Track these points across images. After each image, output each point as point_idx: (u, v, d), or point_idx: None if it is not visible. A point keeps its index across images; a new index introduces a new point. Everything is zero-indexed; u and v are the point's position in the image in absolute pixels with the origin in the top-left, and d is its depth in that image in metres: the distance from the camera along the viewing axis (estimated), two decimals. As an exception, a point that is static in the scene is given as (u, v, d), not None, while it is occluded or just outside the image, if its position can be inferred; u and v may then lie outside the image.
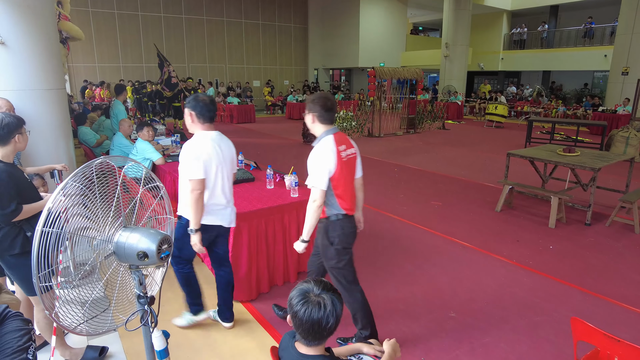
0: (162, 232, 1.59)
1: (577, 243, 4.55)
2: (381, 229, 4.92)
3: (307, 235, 2.50)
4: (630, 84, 12.46)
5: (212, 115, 2.65)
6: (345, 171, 2.46)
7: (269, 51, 21.80)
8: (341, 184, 2.44)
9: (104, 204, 1.55)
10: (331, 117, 2.46)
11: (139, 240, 1.52)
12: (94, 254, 1.53)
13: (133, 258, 1.51)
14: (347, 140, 2.55)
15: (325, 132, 2.45)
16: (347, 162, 2.47)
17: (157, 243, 1.51)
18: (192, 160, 2.53)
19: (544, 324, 3.03)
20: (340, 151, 2.41)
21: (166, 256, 1.55)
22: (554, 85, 21.65)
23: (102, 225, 1.51)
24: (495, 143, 11.42)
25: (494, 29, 22.96)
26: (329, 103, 2.44)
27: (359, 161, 2.67)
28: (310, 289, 1.34)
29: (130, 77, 17.77)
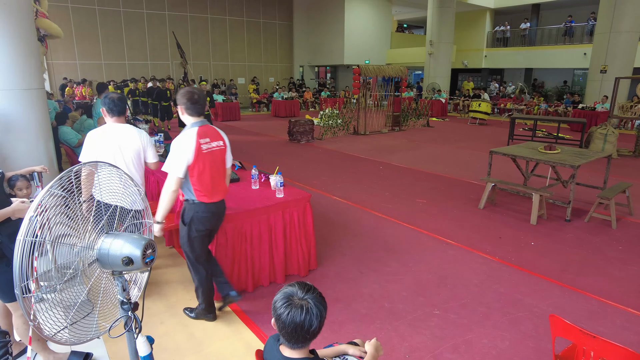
0: (145, 237, 1.58)
1: (557, 239, 4.65)
2: (366, 226, 4.96)
3: (159, 216, 2.70)
4: (608, 81, 12.74)
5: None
6: (204, 162, 2.66)
7: (254, 48, 21.66)
8: (197, 173, 2.64)
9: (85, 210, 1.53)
10: (198, 109, 2.68)
11: (122, 246, 1.51)
12: (76, 259, 1.52)
13: (117, 264, 1.50)
14: (215, 134, 2.77)
15: (192, 124, 2.67)
16: (208, 154, 2.68)
17: (141, 248, 1.50)
18: None
19: (525, 320, 3.10)
20: (201, 143, 2.63)
21: (150, 261, 1.55)
22: (536, 83, 22.03)
23: (83, 232, 1.49)
24: (478, 140, 11.57)
25: (478, 27, 23.23)
26: (195, 96, 2.65)
27: (229, 153, 2.90)
28: (294, 293, 1.35)
29: (113, 74, 17.47)
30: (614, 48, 13.35)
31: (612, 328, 3.01)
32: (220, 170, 2.80)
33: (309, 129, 11.19)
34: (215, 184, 2.76)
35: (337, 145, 10.75)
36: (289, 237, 3.49)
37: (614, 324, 3.05)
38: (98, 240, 1.52)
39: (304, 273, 3.62)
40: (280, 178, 3.54)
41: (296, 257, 3.55)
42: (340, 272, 3.81)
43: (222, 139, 2.82)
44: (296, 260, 3.56)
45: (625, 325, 3.04)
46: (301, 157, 9.11)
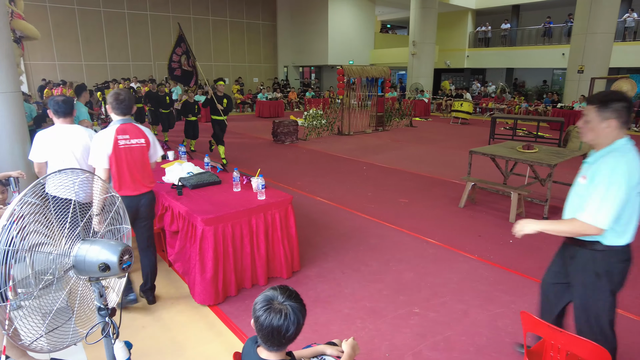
0: (122, 242, 1.59)
1: (535, 237, 4.72)
2: (349, 227, 5.01)
3: (96, 209, 2.87)
4: (585, 81, 13.06)
5: None
6: (122, 157, 2.93)
7: (238, 48, 21.57)
8: (114, 167, 2.92)
9: (60, 217, 1.53)
10: (122, 108, 2.95)
11: (99, 252, 1.51)
12: (52, 266, 1.52)
13: (94, 270, 1.50)
14: (137, 132, 3.01)
15: (115, 122, 2.96)
16: (126, 149, 2.94)
17: (118, 254, 1.50)
18: None
19: (503, 316, 3.18)
20: (118, 139, 2.90)
21: (127, 266, 1.55)
22: (517, 82, 22.44)
23: (59, 239, 1.49)
24: (460, 139, 11.74)
25: (460, 27, 23.56)
26: (120, 97, 2.93)
27: (153, 150, 3.17)
28: (275, 297, 1.38)
29: (93, 76, 17.19)
30: (590, 49, 13.68)
31: (585, 322, 3.11)
32: (139, 165, 3.03)
33: (293, 129, 11.20)
34: (134, 178, 3.02)
35: (322, 145, 10.80)
36: (271, 239, 3.51)
37: (586, 319, 3.15)
38: (74, 247, 1.52)
39: (286, 275, 3.64)
40: (262, 180, 3.56)
41: (279, 259, 3.57)
42: (323, 272, 3.84)
43: (145, 137, 3.05)
44: (279, 263, 3.59)
45: (598, 319, 3.14)
46: (285, 158, 9.12)
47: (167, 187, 3.85)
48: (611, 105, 1.94)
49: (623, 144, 1.97)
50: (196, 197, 3.57)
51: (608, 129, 1.96)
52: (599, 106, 1.97)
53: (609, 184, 1.90)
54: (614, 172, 1.90)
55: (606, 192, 1.90)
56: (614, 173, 1.90)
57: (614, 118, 1.94)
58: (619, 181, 1.88)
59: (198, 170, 4.19)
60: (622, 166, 1.90)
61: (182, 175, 3.99)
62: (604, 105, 1.96)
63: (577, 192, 2.14)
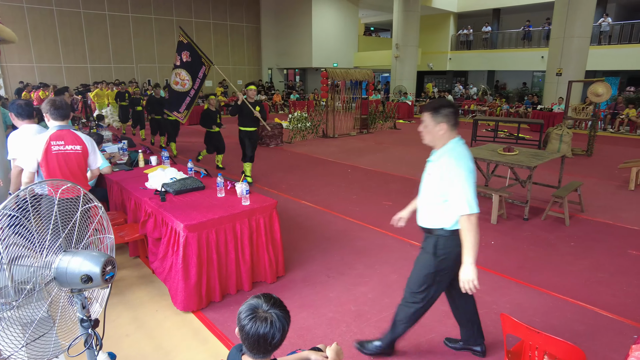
0: (105, 253, 1.58)
1: (516, 237, 4.87)
2: (334, 230, 5.03)
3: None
4: (564, 84, 13.38)
5: None
6: (55, 162, 3.02)
7: (221, 51, 21.46)
8: (46, 171, 3.01)
9: (41, 229, 1.52)
10: (59, 114, 3.04)
11: (81, 264, 1.50)
12: (33, 277, 1.50)
13: (76, 282, 1.49)
14: (73, 138, 3.10)
15: (52, 128, 3.04)
16: (59, 155, 3.03)
17: (101, 265, 1.50)
18: None
19: (484, 317, 3.23)
20: (51, 144, 3.00)
21: (110, 277, 1.55)
22: (498, 84, 22.85)
23: (39, 251, 1.48)
24: (444, 141, 11.89)
25: (442, 30, 23.89)
26: (56, 103, 3.03)
27: (92, 157, 3.26)
28: (259, 305, 1.39)
29: (73, 78, 16.89)
30: (567, 52, 14.03)
31: (563, 321, 3.20)
32: (75, 171, 3.13)
33: (277, 132, 11.20)
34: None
35: (306, 148, 10.82)
36: (255, 244, 3.51)
37: (565, 317, 3.24)
38: (55, 258, 1.51)
39: (271, 280, 3.65)
40: (246, 186, 3.56)
41: (263, 265, 3.58)
42: (308, 277, 3.86)
43: (82, 144, 3.14)
44: (263, 268, 3.59)
45: (575, 317, 3.24)
46: (270, 161, 9.11)
47: (150, 193, 3.82)
48: (441, 111, 2.30)
49: (455, 143, 2.35)
50: (179, 203, 3.55)
51: (441, 131, 2.31)
52: (432, 112, 2.32)
53: (460, 175, 2.24)
54: (458, 165, 2.25)
55: (463, 183, 2.23)
56: (459, 166, 2.25)
57: (445, 122, 2.29)
58: (464, 171, 2.25)
59: (181, 175, 4.16)
60: (462, 159, 2.28)
61: (165, 180, 3.97)
62: (436, 112, 2.31)
63: (425, 186, 2.51)
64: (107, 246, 1.75)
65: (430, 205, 2.44)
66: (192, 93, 6.53)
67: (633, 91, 17.68)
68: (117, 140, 6.30)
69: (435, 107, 2.32)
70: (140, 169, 4.77)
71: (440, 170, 2.31)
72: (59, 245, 1.52)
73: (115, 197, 4.41)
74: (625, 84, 19.18)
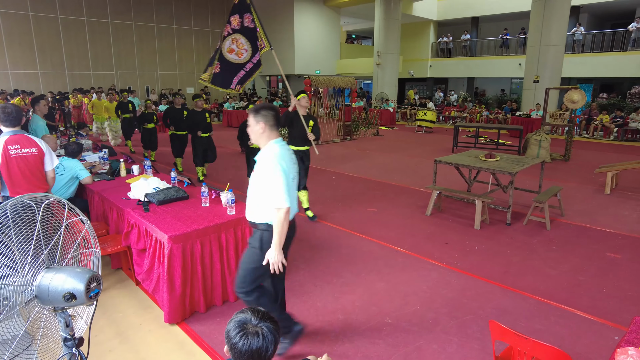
0: (90, 269, 1.53)
1: (499, 242, 4.95)
2: (320, 238, 5.02)
3: None
4: (541, 90, 13.73)
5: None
6: (15, 165, 3.28)
7: (202, 57, 21.32)
8: (6, 173, 3.25)
9: (22, 245, 1.46)
10: (10, 120, 3.25)
11: (64, 281, 1.45)
12: (13, 295, 1.45)
13: (59, 300, 1.44)
14: (28, 141, 3.34)
15: (5, 134, 3.26)
16: (19, 157, 3.28)
17: (85, 282, 1.45)
18: None
19: (472, 323, 3.27)
20: (8, 149, 3.23)
21: (95, 294, 1.50)
22: (478, 91, 23.31)
23: (21, 268, 1.43)
24: (425, 147, 12.05)
25: (423, 38, 24.28)
26: (7, 110, 3.23)
27: (48, 158, 3.48)
28: (248, 320, 1.37)
29: (50, 86, 16.52)
30: (544, 60, 14.42)
31: (547, 324, 3.25)
32: (35, 173, 3.39)
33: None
34: (30, 184, 3.35)
35: (290, 155, 10.77)
36: (241, 254, 3.46)
37: (548, 321, 3.30)
38: (37, 275, 1.46)
39: (258, 289, 3.60)
40: (232, 195, 3.52)
41: (250, 274, 3.53)
42: (295, 286, 3.83)
43: (37, 147, 3.38)
44: (250, 277, 3.54)
45: (559, 320, 3.30)
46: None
47: (133, 204, 3.74)
48: (261, 112, 2.53)
49: (274, 143, 2.57)
50: (163, 213, 3.49)
51: (260, 130, 2.54)
52: (254, 113, 2.55)
53: (273, 172, 2.44)
54: (273, 163, 2.46)
55: (275, 179, 2.44)
56: (273, 164, 2.46)
57: (263, 122, 2.52)
58: (277, 169, 2.44)
59: (165, 185, 4.10)
60: (276, 158, 2.47)
61: (148, 190, 3.90)
62: (256, 112, 2.54)
63: (251, 182, 2.66)
64: (93, 262, 1.70)
65: (255, 201, 2.61)
66: (249, 67, 5.42)
67: (606, 98, 18.28)
68: (97, 149, 6.17)
69: (256, 108, 2.56)
70: (122, 179, 4.68)
71: (260, 167, 2.54)
72: (42, 262, 1.47)
73: (96, 208, 4.31)
74: (598, 90, 19.82)
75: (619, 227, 5.49)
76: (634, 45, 17.38)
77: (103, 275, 3.96)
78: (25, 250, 1.44)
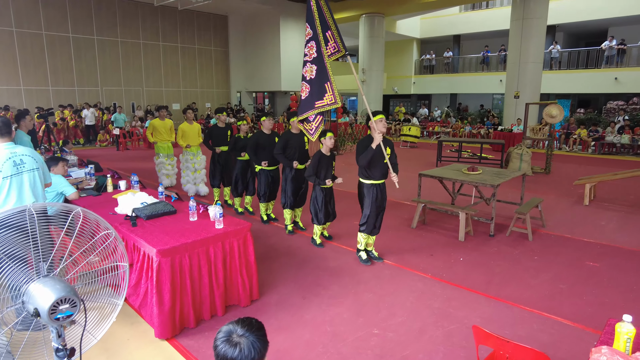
0: (68, 287, 1.50)
1: (483, 253, 5.05)
2: (308, 252, 5.06)
3: None
4: (522, 105, 14.12)
5: None
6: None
7: (189, 73, 21.39)
8: None
9: (16, 255, 1.49)
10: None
11: (42, 294, 1.40)
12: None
13: (30, 312, 1.42)
14: None
15: None
16: None
17: (52, 302, 1.39)
18: None
19: (457, 332, 3.33)
20: None
21: (65, 317, 1.43)
22: (461, 107, 23.83)
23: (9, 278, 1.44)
24: (410, 162, 12.23)
25: (406, 55, 24.85)
26: None
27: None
28: (235, 330, 1.38)
29: (34, 101, 16.35)
30: (523, 76, 14.89)
31: (529, 331, 3.33)
32: None
33: (248, 155, 11.16)
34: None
35: (277, 170, 10.82)
36: (229, 268, 3.49)
37: (531, 328, 3.38)
38: (31, 283, 1.47)
39: (245, 304, 3.62)
40: (220, 209, 3.56)
41: (237, 289, 3.55)
42: (283, 299, 3.85)
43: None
44: (237, 292, 3.56)
45: (540, 327, 3.39)
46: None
47: (120, 219, 3.75)
48: None
49: None
50: (151, 228, 3.50)
51: None
52: None
53: None
54: None
55: None
56: None
57: None
58: None
59: (152, 200, 4.11)
60: None
61: (135, 205, 3.90)
62: None
63: None
64: (120, 276, 1.69)
65: None
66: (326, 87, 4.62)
67: (583, 112, 18.88)
68: (83, 165, 6.14)
69: None
70: (109, 194, 4.66)
71: None
72: (39, 270, 1.49)
73: (82, 224, 4.28)
74: (575, 105, 20.47)
75: (597, 236, 5.66)
76: (607, 62, 18.11)
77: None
78: (22, 259, 1.46)
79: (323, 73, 4.55)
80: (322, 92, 4.54)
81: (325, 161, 5.01)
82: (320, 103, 4.56)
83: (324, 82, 4.55)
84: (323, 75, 4.55)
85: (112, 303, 1.83)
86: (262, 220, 6.16)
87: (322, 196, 5.06)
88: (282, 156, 5.37)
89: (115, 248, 1.75)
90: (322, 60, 4.56)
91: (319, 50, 4.55)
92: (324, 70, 4.55)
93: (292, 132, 5.49)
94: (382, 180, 4.60)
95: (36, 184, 3.28)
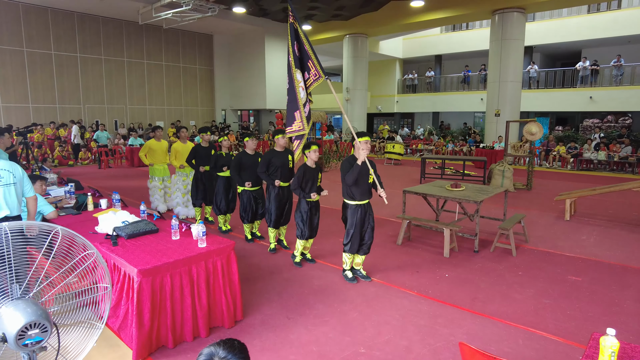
0: (40, 310, 1.43)
1: (468, 269, 5.07)
2: (293, 270, 5.00)
3: None
4: (502, 123, 14.46)
5: None
6: None
7: (173, 92, 21.34)
8: None
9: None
10: None
11: (11, 318, 1.33)
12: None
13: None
14: None
15: None
16: None
17: (20, 327, 1.32)
18: None
19: (444, 349, 3.31)
20: None
21: (34, 343, 1.34)
22: (443, 125, 24.27)
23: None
24: (394, 179, 12.32)
25: (389, 75, 25.32)
26: None
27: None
28: (216, 352, 1.35)
29: (13, 118, 16.04)
30: (503, 95, 15.28)
31: (515, 347, 3.33)
32: None
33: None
34: None
35: (262, 188, 10.77)
36: (212, 288, 3.41)
37: (516, 343, 3.38)
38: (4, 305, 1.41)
39: (229, 325, 3.53)
40: (203, 227, 3.50)
41: (220, 309, 3.47)
42: (267, 320, 3.78)
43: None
44: (220, 312, 3.48)
45: (526, 343, 3.39)
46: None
47: (101, 238, 3.65)
48: None
49: None
50: (132, 247, 3.42)
51: None
52: None
53: None
54: None
55: None
56: None
57: None
58: None
59: (134, 218, 4.03)
60: None
61: (116, 224, 3.82)
62: None
63: None
64: (96, 297, 1.65)
65: None
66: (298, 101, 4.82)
67: (561, 130, 19.41)
68: (62, 183, 6.01)
69: None
70: (90, 213, 4.56)
71: None
72: (11, 292, 1.43)
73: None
74: (554, 123, 21.05)
75: (578, 251, 5.74)
76: (582, 82, 18.75)
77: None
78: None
79: (294, 102, 4.83)
80: (292, 119, 4.83)
81: (310, 174, 4.95)
82: (290, 129, 4.86)
83: (293, 110, 4.83)
84: (293, 104, 4.84)
85: (93, 326, 1.76)
86: (246, 239, 6.08)
87: (307, 209, 5.01)
88: (265, 174, 5.35)
89: (95, 268, 1.69)
90: (293, 90, 4.85)
91: (291, 79, 4.88)
92: (294, 99, 4.83)
93: (276, 150, 5.50)
94: (366, 200, 4.62)
95: (12, 196, 3.42)
